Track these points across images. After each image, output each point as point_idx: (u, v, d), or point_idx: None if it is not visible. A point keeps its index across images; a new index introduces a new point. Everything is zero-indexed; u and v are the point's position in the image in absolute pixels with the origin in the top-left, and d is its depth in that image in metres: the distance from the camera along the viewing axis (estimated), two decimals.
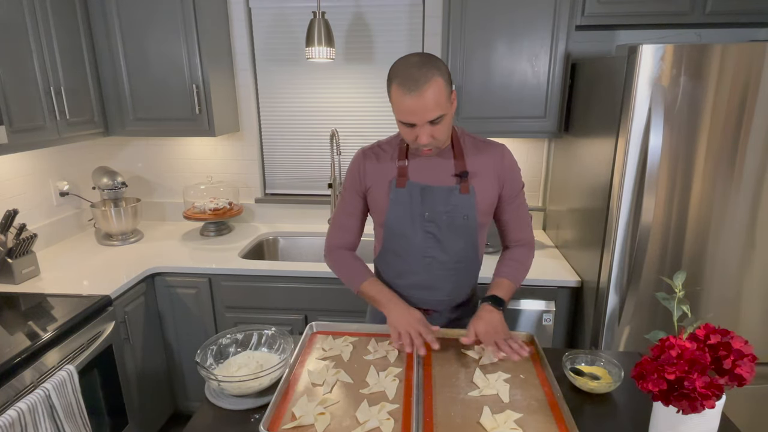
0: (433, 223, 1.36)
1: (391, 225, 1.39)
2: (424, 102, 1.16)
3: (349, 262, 1.47)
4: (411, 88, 1.16)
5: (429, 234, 1.38)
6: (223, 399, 1.18)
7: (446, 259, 1.40)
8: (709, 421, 0.97)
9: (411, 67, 1.17)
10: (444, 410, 1.09)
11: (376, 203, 1.41)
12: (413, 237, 1.38)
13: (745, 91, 1.58)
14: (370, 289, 1.40)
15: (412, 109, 1.18)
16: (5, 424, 1.31)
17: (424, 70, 1.16)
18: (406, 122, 1.22)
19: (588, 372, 1.26)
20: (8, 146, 1.78)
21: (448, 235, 1.38)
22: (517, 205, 1.43)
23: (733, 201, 1.68)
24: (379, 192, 1.40)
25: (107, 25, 2.20)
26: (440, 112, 1.19)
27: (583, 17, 1.99)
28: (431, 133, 1.22)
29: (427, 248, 1.39)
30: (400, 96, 1.18)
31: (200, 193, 2.64)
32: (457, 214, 1.35)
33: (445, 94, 1.19)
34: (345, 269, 1.46)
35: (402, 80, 1.17)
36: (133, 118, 2.33)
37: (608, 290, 1.80)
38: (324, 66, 2.54)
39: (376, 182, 1.40)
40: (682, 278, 1.03)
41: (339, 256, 1.48)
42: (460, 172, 1.34)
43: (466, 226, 1.36)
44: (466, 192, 1.34)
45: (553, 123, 2.13)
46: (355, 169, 1.44)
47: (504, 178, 1.38)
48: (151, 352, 2.18)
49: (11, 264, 1.93)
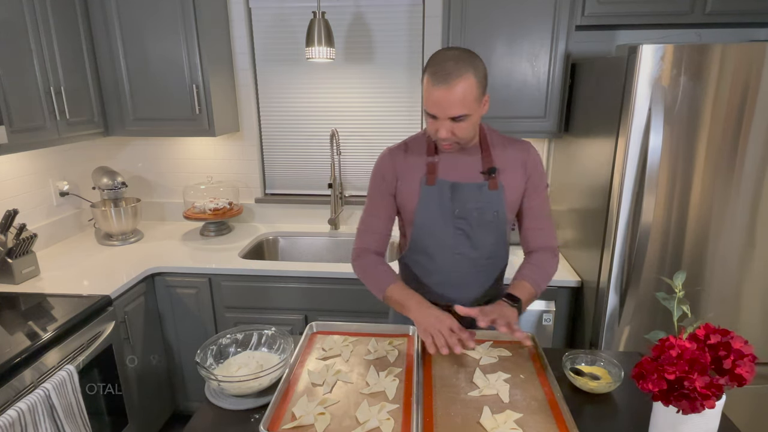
0: (464, 220, 1.36)
1: (421, 223, 1.39)
2: (450, 97, 1.16)
3: (374, 268, 1.41)
4: (440, 81, 1.16)
5: (459, 231, 1.37)
6: (223, 399, 1.18)
7: (476, 255, 1.40)
8: (709, 421, 0.97)
9: (447, 60, 1.17)
10: (444, 410, 1.09)
11: (405, 201, 1.41)
12: (443, 234, 1.38)
13: (745, 91, 1.58)
14: (395, 293, 1.34)
15: (438, 101, 1.18)
16: (5, 424, 1.31)
17: (460, 65, 1.16)
18: (430, 113, 1.22)
19: (588, 372, 1.26)
20: (8, 146, 1.78)
21: (478, 232, 1.37)
22: (539, 203, 1.41)
23: (733, 201, 1.68)
24: (408, 189, 1.39)
25: (107, 25, 2.20)
26: (464, 111, 1.19)
27: (583, 17, 1.99)
28: (452, 129, 1.22)
29: (458, 245, 1.39)
30: (430, 86, 1.19)
31: (200, 193, 2.64)
32: (487, 210, 1.35)
33: (474, 95, 1.18)
34: (370, 275, 1.41)
35: (434, 71, 1.18)
36: (133, 118, 2.33)
37: (608, 290, 1.80)
38: (324, 66, 2.54)
39: (406, 179, 1.39)
40: (682, 278, 1.03)
41: (365, 262, 1.43)
42: (488, 169, 1.34)
43: (496, 221, 1.37)
44: (495, 188, 1.34)
45: (553, 123, 2.13)
46: (383, 168, 1.42)
47: (530, 172, 1.38)
48: (151, 352, 2.18)
49: (11, 264, 1.93)
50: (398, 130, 2.59)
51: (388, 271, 1.41)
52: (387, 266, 1.43)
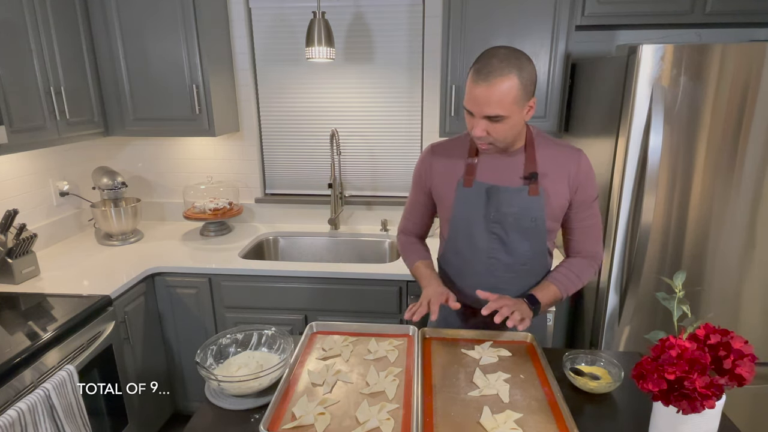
0: (499, 225, 1.34)
1: (456, 223, 1.39)
2: (487, 95, 1.14)
3: (408, 245, 1.55)
4: (481, 78, 1.15)
5: (494, 235, 1.35)
6: (223, 399, 1.18)
7: (511, 261, 1.37)
8: (709, 421, 0.97)
9: (493, 57, 1.15)
10: (444, 410, 1.09)
11: (442, 200, 1.41)
12: (478, 237, 1.37)
13: (745, 91, 1.58)
14: (419, 270, 1.46)
15: (475, 97, 1.17)
16: (5, 424, 1.31)
17: (504, 64, 1.13)
18: (467, 109, 1.21)
19: (588, 372, 1.26)
20: (8, 146, 1.78)
21: (514, 237, 1.34)
22: (589, 215, 1.36)
23: (733, 201, 1.68)
24: (446, 189, 1.39)
25: (107, 25, 2.20)
26: (501, 111, 1.16)
27: (583, 17, 1.99)
28: (486, 128, 1.20)
29: (492, 249, 1.37)
30: (471, 82, 1.18)
31: (200, 193, 2.63)
32: (524, 216, 1.31)
33: (515, 96, 1.15)
34: (405, 250, 1.55)
35: (479, 67, 1.16)
36: (133, 118, 2.33)
37: (608, 290, 1.80)
38: (324, 66, 2.54)
39: (443, 179, 1.39)
40: (682, 278, 1.03)
41: (404, 239, 1.58)
42: (530, 174, 1.29)
43: (534, 228, 1.32)
44: (535, 194, 1.29)
45: (553, 123, 2.13)
46: (420, 165, 1.45)
47: (577, 184, 1.31)
48: (151, 352, 2.18)
49: (11, 264, 1.93)
50: (398, 130, 2.59)
51: (420, 250, 1.53)
52: (421, 246, 1.56)
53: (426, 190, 1.45)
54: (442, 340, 1.38)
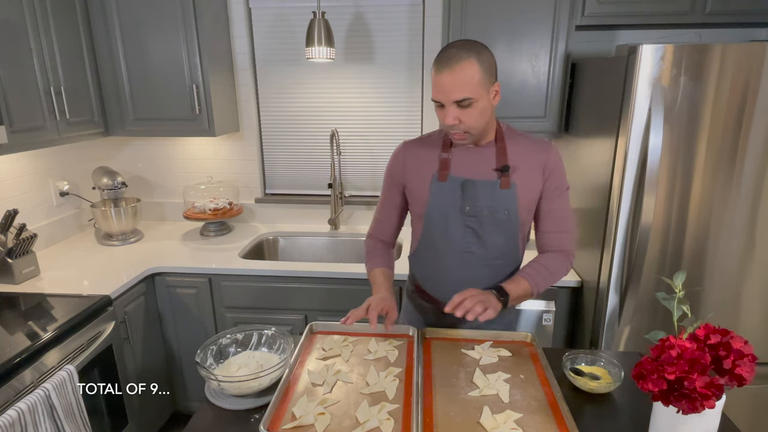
0: (474, 218, 1.35)
1: (431, 218, 1.39)
2: (452, 80, 1.18)
3: (372, 250, 1.53)
4: (443, 65, 1.19)
5: (469, 229, 1.36)
6: (223, 399, 1.18)
7: (486, 254, 1.39)
8: (709, 421, 0.97)
9: (451, 48, 1.21)
10: (444, 410, 1.09)
11: (416, 195, 1.41)
12: (453, 231, 1.37)
13: (745, 91, 1.58)
14: (373, 275, 1.46)
15: (441, 86, 1.20)
16: (5, 424, 1.31)
17: (462, 52, 1.19)
18: (436, 101, 1.23)
19: (588, 372, 1.26)
20: (8, 146, 1.78)
21: (489, 230, 1.36)
22: (560, 206, 1.38)
23: (733, 201, 1.68)
24: (420, 184, 1.39)
25: (107, 25, 2.20)
26: (469, 93, 1.19)
27: (583, 17, 1.99)
28: (457, 115, 1.22)
29: (467, 243, 1.38)
30: (435, 73, 1.21)
31: (200, 193, 2.63)
32: (498, 209, 1.33)
33: (479, 79, 1.19)
34: (369, 254, 1.53)
35: (439, 59, 1.21)
36: (133, 118, 2.33)
37: (608, 290, 1.80)
38: (324, 66, 2.53)
39: (416, 174, 1.40)
40: (682, 278, 1.03)
41: (371, 244, 1.56)
42: (502, 167, 1.32)
43: (507, 221, 1.35)
44: (507, 187, 1.32)
45: (553, 123, 2.13)
46: (394, 162, 1.45)
47: (549, 171, 1.34)
48: (151, 352, 2.18)
49: (11, 264, 1.93)
50: (398, 130, 2.59)
51: (384, 257, 1.51)
52: (385, 252, 1.54)
53: (400, 188, 1.46)
54: (442, 340, 1.38)
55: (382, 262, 1.50)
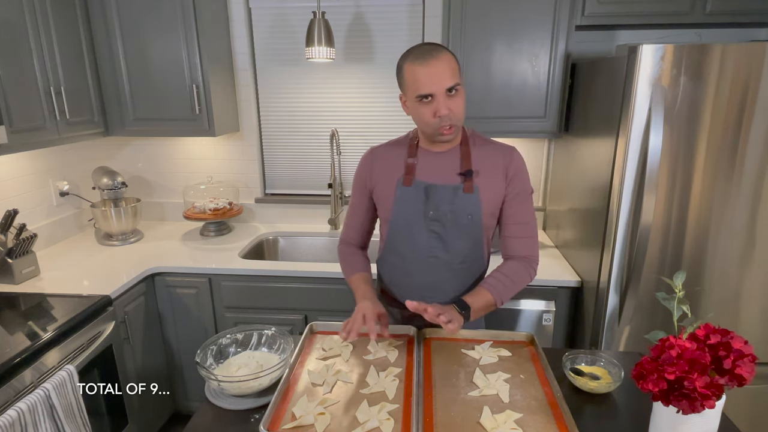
0: (438, 222, 1.35)
1: (396, 223, 1.39)
2: (439, 68, 1.20)
3: (347, 256, 1.53)
4: (427, 57, 1.20)
5: (433, 233, 1.37)
6: (223, 399, 1.18)
7: (450, 259, 1.39)
8: (709, 421, 0.97)
9: (422, 46, 1.25)
10: (444, 410, 1.09)
11: (382, 200, 1.41)
12: (418, 236, 1.38)
13: (745, 91, 1.58)
14: (354, 282, 1.46)
15: (429, 77, 1.20)
16: (5, 424, 1.31)
17: (434, 46, 1.24)
18: (424, 93, 1.22)
19: (588, 372, 1.26)
20: (8, 146, 1.78)
21: (452, 235, 1.36)
22: (523, 210, 1.38)
23: (733, 201, 1.68)
24: (386, 189, 1.39)
25: (107, 25, 2.20)
26: (456, 80, 1.22)
27: (583, 17, 1.99)
28: (449, 105, 1.22)
29: (432, 248, 1.38)
30: (415, 69, 1.22)
31: (200, 193, 2.64)
32: (461, 213, 1.33)
33: (458, 68, 1.24)
34: (343, 262, 1.53)
35: (415, 56, 1.23)
36: (133, 118, 2.33)
37: (608, 290, 1.80)
38: (324, 66, 2.54)
39: (383, 179, 1.40)
40: (682, 278, 1.03)
41: (342, 250, 1.56)
42: (465, 171, 1.33)
43: (471, 225, 1.35)
44: (470, 191, 1.32)
45: (553, 123, 2.13)
46: (360, 168, 1.45)
47: (511, 175, 1.35)
48: (151, 352, 2.18)
49: (11, 264, 1.93)
50: (398, 130, 2.58)
51: (359, 262, 1.51)
52: (360, 257, 1.53)
53: (367, 193, 1.45)
54: (442, 340, 1.38)
55: (360, 266, 1.49)
